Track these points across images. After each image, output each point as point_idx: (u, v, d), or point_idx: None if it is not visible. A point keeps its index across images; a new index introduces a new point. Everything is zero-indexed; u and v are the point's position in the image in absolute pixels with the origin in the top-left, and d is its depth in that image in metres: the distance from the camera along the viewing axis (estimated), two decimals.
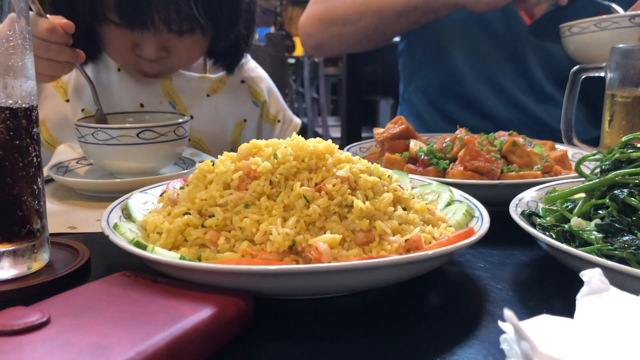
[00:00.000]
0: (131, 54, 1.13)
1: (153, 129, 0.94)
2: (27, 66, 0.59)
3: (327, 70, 6.02)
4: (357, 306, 0.58)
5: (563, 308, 0.45)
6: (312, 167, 0.64)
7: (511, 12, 1.49)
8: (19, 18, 0.57)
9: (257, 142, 0.68)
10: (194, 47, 1.17)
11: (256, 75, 1.41)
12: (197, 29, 1.12)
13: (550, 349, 0.36)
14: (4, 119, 0.57)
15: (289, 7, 9.12)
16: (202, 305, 0.48)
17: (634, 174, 0.65)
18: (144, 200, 0.73)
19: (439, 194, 0.77)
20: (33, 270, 0.61)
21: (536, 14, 1.50)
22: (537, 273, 0.68)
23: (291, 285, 0.53)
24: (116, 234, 0.60)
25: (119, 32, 1.09)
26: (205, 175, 0.67)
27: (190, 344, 0.44)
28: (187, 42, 1.14)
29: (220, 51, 1.25)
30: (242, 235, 0.60)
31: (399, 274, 0.56)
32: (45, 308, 0.46)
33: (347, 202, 0.62)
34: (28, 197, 0.60)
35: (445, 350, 0.49)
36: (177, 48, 1.14)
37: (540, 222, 0.67)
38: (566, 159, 1.01)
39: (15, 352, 0.40)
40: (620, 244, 0.59)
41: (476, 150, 0.91)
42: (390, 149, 1.03)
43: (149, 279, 0.53)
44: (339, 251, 0.58)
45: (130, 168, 0.98)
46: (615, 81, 1.04)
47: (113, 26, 1.08)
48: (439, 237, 0.64)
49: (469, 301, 0.59)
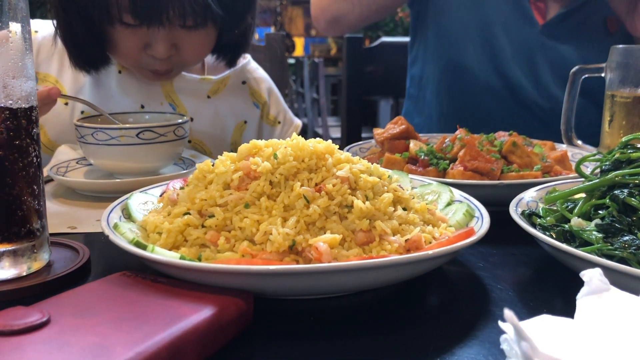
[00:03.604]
0: (142, 55, 1.11)
1: (153, 129, 0.94)
2: (26, 66, 0.59)
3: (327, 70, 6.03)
4: (357, 306, 0.58)
5: (563, 308, 0.45)
6: (312, 168, 0.64)
7: (525, 11, 1.49)
8: (19, 18, 0.57)
9: (257, 142, 0.68)
10: (204, 42, 1.16)
11: (257, 76, 1.41)
12: (209, 22, 1.10)
13: (550, 349, 0.35)
14: (3, 119, 0.57)
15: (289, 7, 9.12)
16: (202, 305, 0.48)
17: (634, 174, 0.65)
18: (144, 200, 0.73)
19: (439, 194, 0.77)
20: (33, 270, 0.61)
21: (549, 15, 1.51)
22: (537, 273, 0.68)
23: (291, 285, 0.53)
24: (116, 233, 0.60)
25: (129, 33, 1.07)
26: (205, 175, 0.67)
27: (190, 343, 0.44)
28: (197, 37, 1.12)
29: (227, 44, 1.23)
30: (242, 235, 0.60)
31: (399, 274, 0.56)
32: (45, 308, 0.46)
33: (347, 202, 0.62)
34: (28, 197, 0.60)
35: (445, 350, 0.49)
36: (186, 44, 1.12)
37: (540, 222, 0.67)
38: (566, 159, 1.01)
39: (15, 352, 0.40)
40: (621, 244, 0.59)
41: (476, 151, 0.91)
42: (390, 149, 1.03)
43: (148, 278, 0.53)
44: (339, 251, 0.58)
45: (130, 168, 0.98)
46: (615, 81, 1.04)
47: (124, 27, 1.06)
48: (439, 237, 0.64)
49: (469, 301, 0.59)
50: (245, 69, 1.38)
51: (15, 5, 0.56)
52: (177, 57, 1.14)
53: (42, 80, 1.21)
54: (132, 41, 1.08)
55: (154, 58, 1.11)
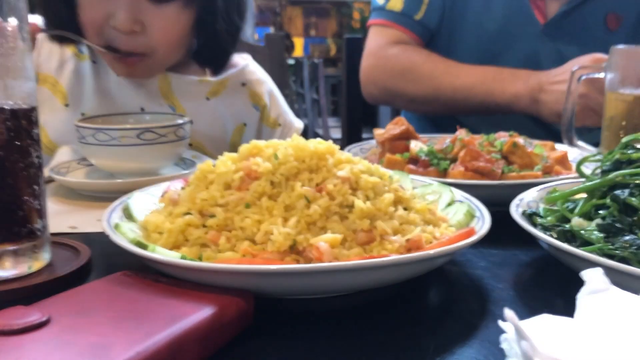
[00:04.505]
0: (106, 28, 1.08)
1: (153, 130, 0.94)
2: (26, 67, 0.59)
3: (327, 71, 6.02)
4: (357, 306, 0.58)
5: (563, 308, 0.45)
6: (313, 168, 0.64)
7: (525, 11, 1.49)
8: (19, 18, 0.57)
9: (258, 142, 0.68)
10: (173, 25, 1.11)
11: (257, 78, 1.40)
12: None
13: (550, 348, 0.36)
14: (4, 120, 0.57)
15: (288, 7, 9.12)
16: (203, 304, 0.48)
17: (634, 175, 0.65)
18: (144, 200, 0.73)
19: (439, 194, 0.77)
20: (34, 269, 0.61)
21: (549, 13, 1.51)
22: (538, 273, 0.68)
23: (292, 284, 0.53)
24: (117, 233, 0.60)
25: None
26: (206, 175, 0.67)
27: (190, 343, 0.44)
28: (166, 16, 1.08)
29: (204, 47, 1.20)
30: (243, 235, 0.60)
31: (400, 273, 0.56)
32: (46, 308, 0.46)
33: (348, 202, 0.62)
34: (29, 197, 0.60)
35: (445, 350, 0.49)
36: (154, 22, 1.08)
37: (541, 222, 0.67)
38: (566, 159, 1.01)
39: (16, 351, 0.40)
40: (621, 244, 0.59)
41: (477, 151, 0.91)
42: (390, 149, 1.03)
43: (149, 278, 0.53)
44: (340, 251, 0.58)
45: (131, 169, 0.98)
46: (615, 81, 1.04)
47: None
48: (439, 237, 0.64)
49: (469, 301, 0.59)
50: (245, 71, 1.37)
51: (14, 5, 0.56)
52: (144, 37, 1.09)
53: (42, 81, 1.21)
54: (96, 8, 1.06)
55: (117, 32, 1.07)
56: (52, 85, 1.21)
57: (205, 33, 1.18)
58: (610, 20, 1.50)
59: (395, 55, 1.56)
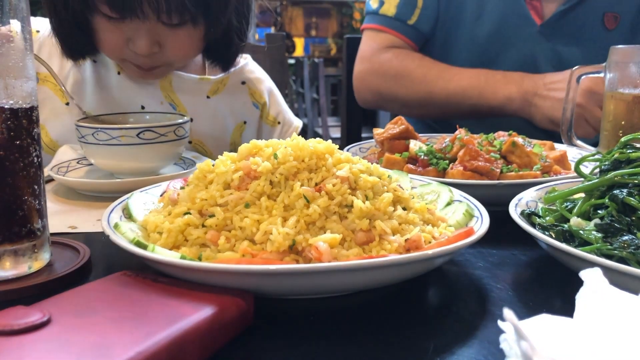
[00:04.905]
0: (125, 50, 1.11)
1: (153, 129, 0.95)
2: (27, 67, 0.59)
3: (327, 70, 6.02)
4: (357, 306, 0.58)
5: (563, 307, 0.45)
6: (312, 167, 0.65)
7: (522, 12, 1.49)
8: (20, 18, 0.57)
9: (257, 142, 0.68)
10: (188, 42, 1.14)
11: (257, 76, 1.41)
12: (187, 21, 1.09)
13: (549, 348, 0.36)
14: (4, 119, 0.57)
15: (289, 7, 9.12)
16: (203, 305, 0.48)
17: (633, 174, 0.65)
18: (144, 200, 0.73)
19: (438, 194, 0.77)
20: (34, 269, 0.61)
21: (546, 14, 1.51)
22: (537, 273, 0.68)
23: (291, 284, 0.53)
24: (117, 233, 0.60)
25: (112, 27, 1.07)
26: (206, 175, 0.67)
27: (190, 343, 0.44)
28: (180, 36, 1.12)
29: (214, 45, 1.22)
30: (243, 234, 0.60)
31: (399, 273, 0.56)
32: (46, 308, 0.46)
33: (347, 202, 0.62)
34: (29, 197, 0.60)
35: (445, 350, 0.49)
36: (169, 42, 1.11)
37: (539, 222, 0.68)
38: (565, 159, 1.01)
39: (16, 352, 0.40)
40: (620, 244, 0.59)
41: (476, 151, 0.91)
42: (390, 149, 1.03)
43: (149, 278, 0.53)
44: (339, 251, 0.58)
45: (131, 168, 0.98)
46: (614, 81, 1.04)
47: (106, 20, 1.07)
48: (438, 236, 0.64)
49: (469, 301, 0.59)
50: (245, 69, 1.38)
51: (16, 5, 0.56)
52: (161, 55, 1.13)
53: (43, 81, 1.21)
54: (115, 34, 1.09)
55: (136, 54, 1.10)
56: (52, 84, 1.21)
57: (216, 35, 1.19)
58: (608, 19, 1.50)
59: (388, 60, 1.56)
